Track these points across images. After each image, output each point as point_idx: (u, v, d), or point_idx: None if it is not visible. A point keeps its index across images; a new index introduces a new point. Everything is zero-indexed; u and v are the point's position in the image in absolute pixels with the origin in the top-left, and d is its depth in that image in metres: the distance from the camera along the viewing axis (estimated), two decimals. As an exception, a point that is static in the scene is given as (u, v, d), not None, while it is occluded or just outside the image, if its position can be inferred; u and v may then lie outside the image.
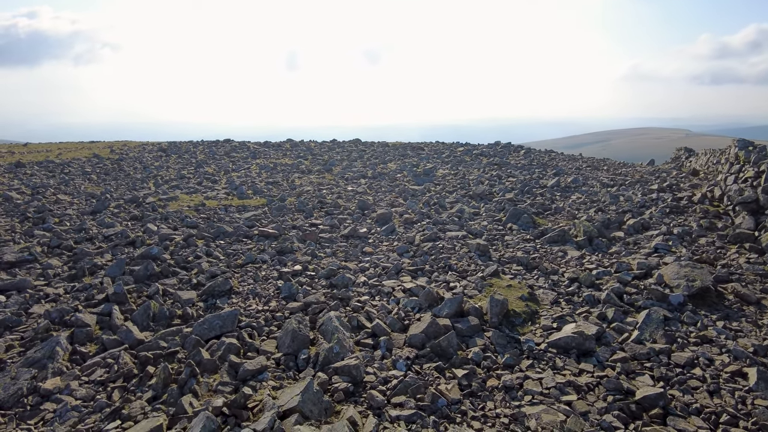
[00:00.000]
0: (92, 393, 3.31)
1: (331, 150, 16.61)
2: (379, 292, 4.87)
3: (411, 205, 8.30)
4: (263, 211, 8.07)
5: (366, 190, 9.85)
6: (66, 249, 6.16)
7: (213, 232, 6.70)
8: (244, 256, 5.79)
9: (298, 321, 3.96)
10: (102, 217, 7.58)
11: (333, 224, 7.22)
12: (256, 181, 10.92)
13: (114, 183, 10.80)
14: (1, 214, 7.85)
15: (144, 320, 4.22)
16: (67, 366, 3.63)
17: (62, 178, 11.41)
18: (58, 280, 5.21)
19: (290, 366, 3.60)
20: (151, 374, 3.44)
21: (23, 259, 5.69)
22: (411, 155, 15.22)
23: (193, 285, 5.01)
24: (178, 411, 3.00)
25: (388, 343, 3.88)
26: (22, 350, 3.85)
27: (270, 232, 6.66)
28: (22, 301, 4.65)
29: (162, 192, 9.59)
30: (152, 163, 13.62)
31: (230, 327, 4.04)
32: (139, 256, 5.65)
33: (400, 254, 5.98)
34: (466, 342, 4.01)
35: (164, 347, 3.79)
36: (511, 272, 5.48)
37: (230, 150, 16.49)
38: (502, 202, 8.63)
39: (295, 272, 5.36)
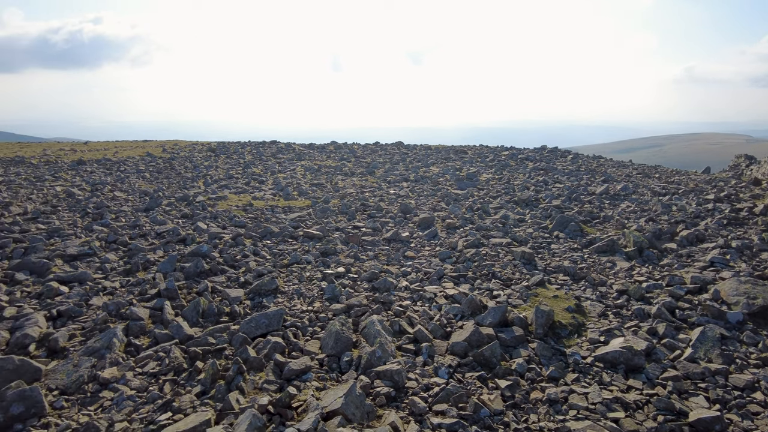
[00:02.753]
0: (145, 384, 3.46)
1: (374, 153, 16.72)
2: (420, 297, 4.87)
3: (454, 210, 8.25)
4: (308, 212, 8.22)
5: (408, 193, 9.86)
6: (122, 244, 6.47)
7: (260, 232, 6.88)
8: (289, 257, 5.92)
9: (341, 323, 4.02)
10: (154, 215, 7.91)
11: (375, 227, 7.27)
12: (301, 182, 11.13)
13: (166, 181, 11.25)
14: (65, 209, 8.32)
15: (194, 316, 4.38)
16: (122, 357, 3.81)
17: (118, 175, 11.99)
18: (114, 274, 5.47)
19: (333, 367, 3.66)
20: (200, 369, 3.56)
21: (84, 253, 6.01)
22: (454, 159, 15.13)
23: (241, 283, 5.16)
24: (226, 407, 3.10)
25: (430, 350, 3.87)
26: (82, 339, 4.07)
27: (314, 233, 6.78)
28: (83, 292, 4.92)
29: (211, 191, 9.92)
30: (202, 163, 14.10)
31: (276, 326, 4.14)
32: (189, 254, 5.87)
33: (443, 260, 5.96)
34: (510, 352, 3.96)
35: (213, 343, 3.92)
36: (557, 282, 5.36)
37: (276, 151, 16.87)
38: (549, 209, 8.46)
39: (338, 274, 5.43)
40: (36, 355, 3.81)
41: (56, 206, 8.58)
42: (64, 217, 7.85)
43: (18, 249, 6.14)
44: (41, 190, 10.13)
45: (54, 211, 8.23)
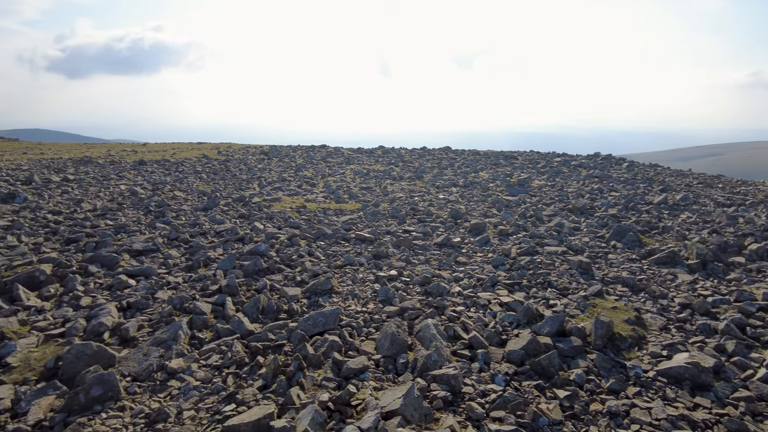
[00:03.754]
0: (210, 376, 3.61)
1: (422, 157, 16.74)
2: (474, 303, 4.84)
3: (506, 217, 8.16)
4: (358, 215, 8.33)
5: (458, 198, 9.82)
6: (183, 242, 6.76)
7: (314, 233, 7.04)
8: (342, 258, 6.02)
9: (396, 325, 4.06)
10: (213, 214, 8.23)
11: (426, 232, 7.28)
12: (350, 186, 11.28)
13: (222, 182, 11.66)
14: (130, 207, 8.78)
15: (254, 312, 4.54)
16: (187, 349, 3.99)
17: (177, 176, 12.53)
18: (177, 270, 5.73)
19: (389, 368, 3.70)
20: (261, 364, 3.69)
21: (148, 249, 6.33)
22: (504, 164, 14.94)
23: (297, 282, 5.30)
24: (287, 401, 3.19)
25: (485, 357, 3.85)
26: (150, 330, 4.29)
27: (366, 236, 6.86)
28: (149, 286, 5.18)
29: (266, 193, 10.22)
30: (256, 165, 14.53)
31: (332, 325, 4.23)
32: (247, 252, 6.08)
33: (496, 266, 5.90)
34: (568, 363, 3.88)
35: (272, 339, 4.05)
36: (615, 293, 5.21)
37: (326, 155, 17.17)
38: (605, 218, 8.22)
39: (391, 277, 5.48)
40: (110, 342, 4.05)
41: (122, 204, 9.06)
42: (129, 214, 8.28)
43: (90, 243, 6.53)
44: (108, 188, 10.74)
45: (120, 208, 8.70)
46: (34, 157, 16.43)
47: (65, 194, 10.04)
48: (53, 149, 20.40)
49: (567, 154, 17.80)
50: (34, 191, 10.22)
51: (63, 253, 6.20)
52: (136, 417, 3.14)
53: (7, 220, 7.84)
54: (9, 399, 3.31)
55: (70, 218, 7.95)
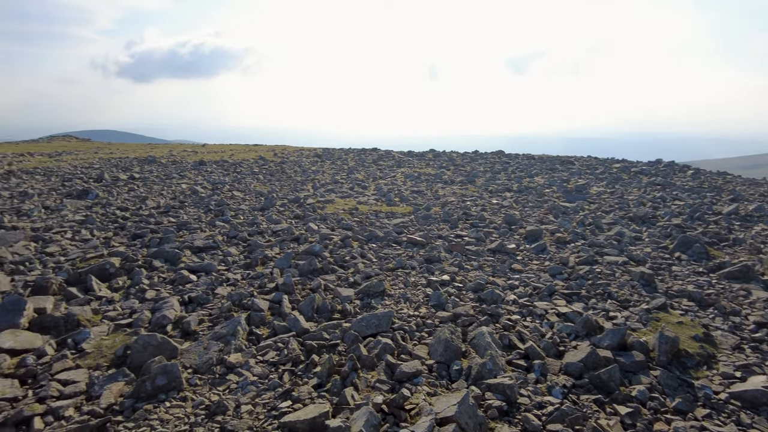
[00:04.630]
0: (266, 372, 3.70)
1: (473, 161, 16.54)
2: (530, 312, 4.72)
3: (563, 224, 7.91)
4: (410, 218, 8.32)
5: (512, 204, 9.63)
6: (241, 240, 6.98)
7: (366, 235, 7.10)
8: (394, 261, 6.03)
9: (450, 331, 4.01)
10: (270, 214, 8.45)
11: (479, 237, 7.18)
12: (401, 189, 11.30)
13: (278, 183, 11.97)
14: (191, 205, 9.16)
15: (309, 311, 4.62)
16: (245, 344, 4.11)
17: (235, 176, 12.96)
18: (236, 267, 5.92)
19: (443, 374, 3.66)
20: (316, 363, 3.74)
21: (209, 246, 6.58)
22: (560, 169, 14.52)
23: (350, 283, 5.35)
24: (342, 401, 3.22)
25: (542, 368, 3.74)
26: (210, 325, 4.45)
27: (417, 239, 6.84)
28: (209, 282, 5.38)
29: (319, 195, 10.40)
30: (309, 168, 14.83)
31: (385, 327, 4.24)
32: (303, 252, 6.20)
33: (553, 275, 5.73)
34: (629, 378, 3.71)
35: (327, 339, 4.10)
36: (681, 308, 4.94)
37: (377, 158, 17.28)
38: (669, 228, 7.82)
39: (443, 282, 5.43)
40: (173, 335, 4.22)
41: (183, 202, 9.47)
42: (191, 212, 8.64)
43: (154, 239, 6.86)
44: (170, 186, 11.25)
45: (181, 206, 9.10)
46: (104, 157, 17.48)
47: (132, 192, 10.60)
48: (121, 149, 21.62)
49: (627, 160, 17.08)
50: (104, 188, 10.87)
51: (130, 248, 6.55)
52: (196, 408, 3.26)
53: (81, 215, 8.37)
54: (84, 382, 3.52)
55: (136, 215, 8.39)
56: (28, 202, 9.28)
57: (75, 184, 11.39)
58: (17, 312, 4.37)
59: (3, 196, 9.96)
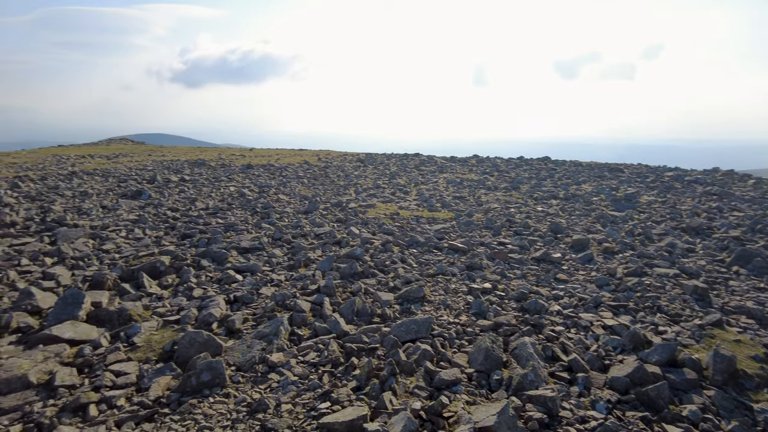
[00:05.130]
0: (307, 372, 3.75)
1: (518, 167, 16.26)
2: (575, 324, 4.59)
3: (611, 233, 7.65)
4: (451, 224, 8.26)
5: (558, 212, 9.39)
6: (285, 242, 7.13)
7: (407, 240, 7.09)
8: (435, 267, 6.00)
9: (491, 340, 3.95)
10: (313, 217, 8.59)
11: (522, 245, 7.04)
12: (443, 194, 11.24)
13: (322, 187, 12.15)
14: (238, 207, 9.43)
15: (349, 314, 4.66)
16: (287, 344, 4.18)
17: (281, 180, 13.25)
18: (279, 268, 6.04)
19: (482, 384, 3.61)
20: (355, 365, 3.76)
21: (254, 247, 6.75)
22: (609, 177, 14.07)
23: (390, 288, 5.36)
24: (380, 405, 3.23)
25: (586, 381, 3.63)
26: (253, 324, 4.55)
27: (459, 246, 6.78)
28: (254, 282, 5.51)
29: (361, 199, 10.49)
30: (352, 172, 14.98)
31: (424, 333, 4.22)
32: (344, 255, 6.27)
33: (599, 286, 5.55)
34: (680, 396, 3.54)
35: (366, 342, 4.12)
36: (738, 325, 4.67)
37: (419, 163, 17.27)
38: (726, 240, 7.42)
39: (485, 290, 5.35)
40: (218, 332, 4.35)
41: (231, 204, 9.76)
42: (238, 214, 8.89)
43: (202, 239, 7.10)
44: (218, 189, 11.62)
45: (229, 208, 9.38)
46: (157, 159, 18.25)
47: (182, 193, 11.02)
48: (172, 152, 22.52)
49: (680, 168, 16.35)
50: (156, 189, 11.34)
51: (179, 247, 6.80)
52: (239, 405, 3.34)
53: (135, 214, 8.77)
54: (134, 374, 3.69)
55: (186, 215, 8.71)
56: (88, 202, 9.81)
57: (130, 185, 11.95)
58: (77, 305, 4.63)
59: (66, 195, 10.57)
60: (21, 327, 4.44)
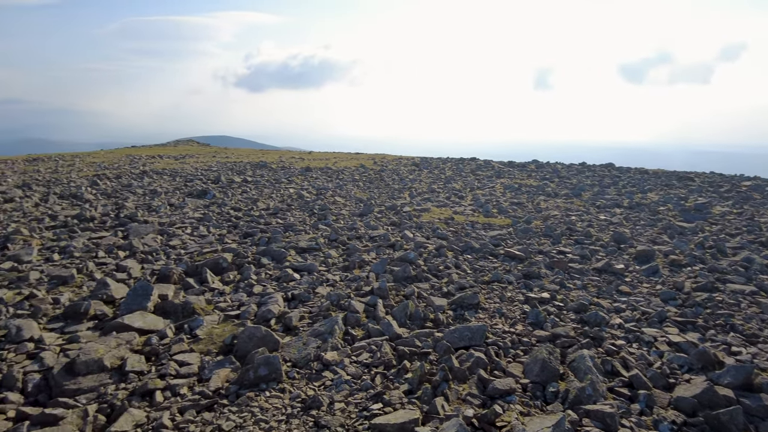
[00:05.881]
0: (360, 372, 3.80)
1: (580, 174, 15.71)
2: (637, 339, 4.37)
3: (679, 245, 7.24)
4: (508, 231, 8.10)
5: (621, 221, 8.99)
6: (341, 243, 7.25)
7: (461, 246, 7.03)
8: (490, 274, 5.90)
9: (548, 351, 3.85)
10: (368, 220, 8.68)
11: (583, 254, 6.79)
12: (500, 200, 11.04)
13: (377, 191, 12.26)
14: (297, 208, 9.68)
15: (402, 317, 4.67)
16: (341, 343, 4.25)
17: (337, 183, 13.48)
18: (335, 269, 6.16)
19: (537, 395, 3.51)
20: (408, 369, 3.77)
21: (311, 247, 6.91)
22: (677, 186, 13.32)
23: (444, 293, 5.33)
24: (431, 410, 3.22)
25: (648, 399, 3.45)
26: (309, 322, 4.66)
27: (516, 253, 6.64)
28: (311, 281, 5.64)
29: (416, 203, 10.50)
30: (407, 176, 15.02)
31: (478, 341, 4.16)
32: (397, 259, 6.30)
33: (665, 300, 5.26)
34: (756, 424, 3.29)
35: (419, 346, 4.12)
36: (826, 349, 4.29)
37: (475, 168, 17.06)
38: (811, 257, 6.84)
39: (542, 299, 5.21)
40: (275, 329, 4.49)
41: (290, 205, 10.05)
42: (296, 214, 9.14)
43: (263, 238, 7.35)
44: (278, 190, 11.99)
45: (288, 209, 9.65)
46: (221, 160, 19.05)
47: (244, 193, 11.46)
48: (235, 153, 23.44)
49: (760, 177, 15.21)
50: (220, 189, 11.85)
51: (241, 245, 7.08)
52: (293, 400, 3.43)
53: (200, 212, 9.20)
54: (196, 365, 3.87)
55: (247, 215, 9.05)
56: (157, 200, 10.40)
57: (196, 184, 12.56)
58: (146, 296, 4.92)
59: (138, 193, 11.25)
60: (97, 314, 4.78)
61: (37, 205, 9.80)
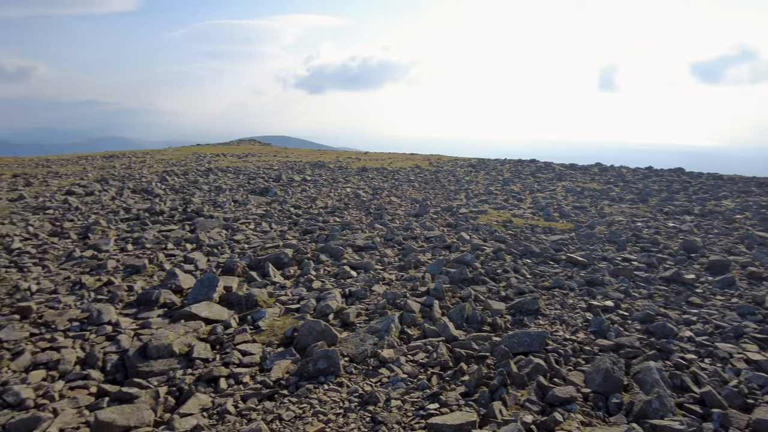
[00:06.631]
0: (416, 372, 3.81)
1: (646, 178, 14.96)
2: (710, 354, 4.12)
3: (759, 257, 6.74)
4: (570, 236, 7.85)
5: (692, 229, 8.49)
6: (396, 243, 7.29)
7: (520, 249, 6.89)
8: (551, 280, 5.75)
9: (612, 361, 3.70)
10: (423, 221, 8.68)
11: (650, 263, 6.48)
12: (562, 204, 10.71)
13: (432, 192, 12.23)
14: (353, 207, 9.83)
15: (458, 319, 4.64)
16: (397, 342, 4.28)
17: (393, 183, 13.55)
18: (391, 268, 6.20)
19: (599, 406, 3.39)
20: (464, 371, 3.75)
21: (368, 246, 6.99)
22: (756, 192, 12.41)
23: (502, 297, 5.25)
24: (489, 414, 3.18)
25: (723, 419, 3.25)
26: (366, 319, 4.73)
27: (578, 259, 6.43)
28: (368, 279, 5.72)
29: (472, 205, 10.38)
30: (463, 177, 14.87)
31: (537, 347, 4.07)
32: (454, 260, 6.26)
33: (742, 315, 4.93)
34: None
35: (476, 349, 4.08)
36: None
37: (535, 170, 16.65)
38: None
39: (606, 308, 5.02)
40: (333, 323, 4.59)
41: (347, 204, 10.21)
42: (353, 213, 9.27)
43: (321, 235, 7.52)
44: (336, 189, 12.20)
45: (345, 208, 9.81)
46: (281, 159, 19.62)
47: (304, 192, 11.75)
48: (295, 153, 24.07)
49: None
50: (281, 187, 12.22)
51: (301, 242, 7.27)
52: (351, 395, 3.50)
53: (262, 209, 9.54)
54: (258, 355, 4.03)
55: (307, 212, 9.28)
56: (222, 196, 10.86)
57: (258, 182, 13.01)
58: (212, 288, 5.16)
59: (203, 189, 11.80)
60: (167, 303, 5.06)
61: (113, 198, 10.49)
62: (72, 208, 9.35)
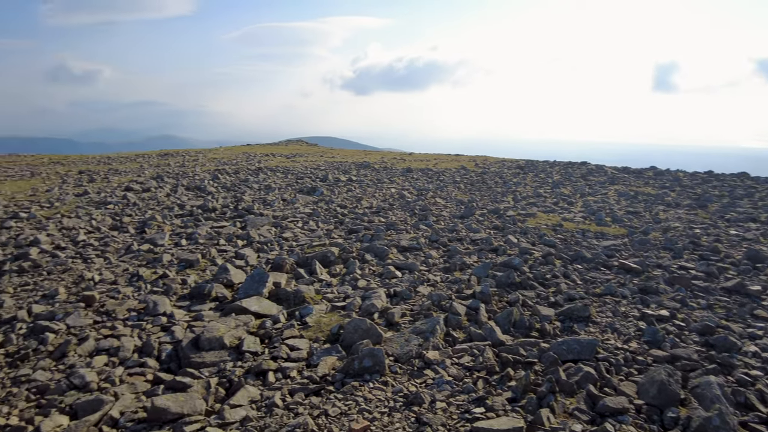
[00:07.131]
0: (461, 375, 3.78)
1: (705, 183, 14.22)
2: (778, 370, 3.88)
3: (832, 269, 6.29)
4: (623, 242, 7.57)
5: (758, 237, 8.01)
6: (442, 245, 7.25)
7: (571, 254, 6.70)
8: (602, 286, 5.56)
9: (668, 373, 3.55)
10: (469, 223, 8.60)
11: (710, 272, 6.15)
12: (614, 208, 10.35)
13: (478, 193, 12.09)
14: (398, 208, 9.85)
15: (505, 324, 4.57)
16: (442, 344, 4.26)
17: (438, 184, 13.49)
18: (435, 270, 6.18)
19: (653, 419, 3.26)
20: (511, 377, 3.68)
21: (413, 246, 6.99)
22: (832, 202, 11.56)
23: (551, 303, 5.12)
24: (536, 420, 3.12)
25: (791, 439, 3.06)
26: (410, 319, 4.73)
27: (631, 266, 6.19)
28: (412, 279, 5.72)
29: (520, 207, 10.19)
30: (511, 179, 14.62)
31: (587, 355, 3.96)
32: (501, 264, 6.16)
33: (814, 330, 4.61)
34: None
35: (523, 355, 4.01)
36: None
37: (586, 173, 16.15)
38: None
39: (661, 317, 4.81)
40: (378, 323, 4.61)
41: (392, 204, 10.24)
42: (398, 214, 9.30)
43: (366, 235, 7.58)
44: (381, 190, 12.27)
45: (390, 208, 9.85)
46: (328, 160, 19.91)
47: (349, 192, 11.88)
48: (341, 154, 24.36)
49: None
50: (328, 187, 12.40)
51: (347, 241, 7.36)
52: (396, 394, 3.51)
53: (309, 208, 9.71)
54: (305, 351, 4.10)
55: (352, 212, 9.38)
56: (271, 195, 11.13)
57: (305, 182, 13.26)
58: (261, 283, 5.30)
59: (254, 187, 12.13)
60: (218, 296, 5.24)
61: (168, 195, 10.96)
62: (130, 204, 9.83)
